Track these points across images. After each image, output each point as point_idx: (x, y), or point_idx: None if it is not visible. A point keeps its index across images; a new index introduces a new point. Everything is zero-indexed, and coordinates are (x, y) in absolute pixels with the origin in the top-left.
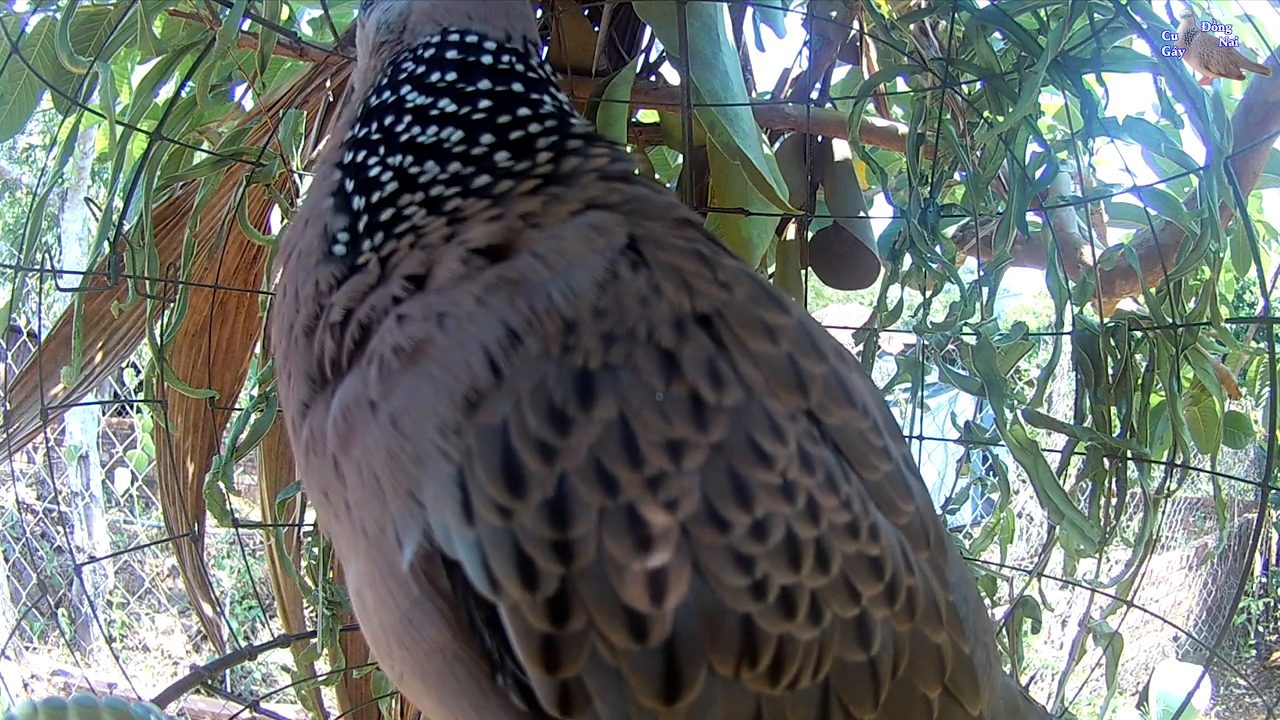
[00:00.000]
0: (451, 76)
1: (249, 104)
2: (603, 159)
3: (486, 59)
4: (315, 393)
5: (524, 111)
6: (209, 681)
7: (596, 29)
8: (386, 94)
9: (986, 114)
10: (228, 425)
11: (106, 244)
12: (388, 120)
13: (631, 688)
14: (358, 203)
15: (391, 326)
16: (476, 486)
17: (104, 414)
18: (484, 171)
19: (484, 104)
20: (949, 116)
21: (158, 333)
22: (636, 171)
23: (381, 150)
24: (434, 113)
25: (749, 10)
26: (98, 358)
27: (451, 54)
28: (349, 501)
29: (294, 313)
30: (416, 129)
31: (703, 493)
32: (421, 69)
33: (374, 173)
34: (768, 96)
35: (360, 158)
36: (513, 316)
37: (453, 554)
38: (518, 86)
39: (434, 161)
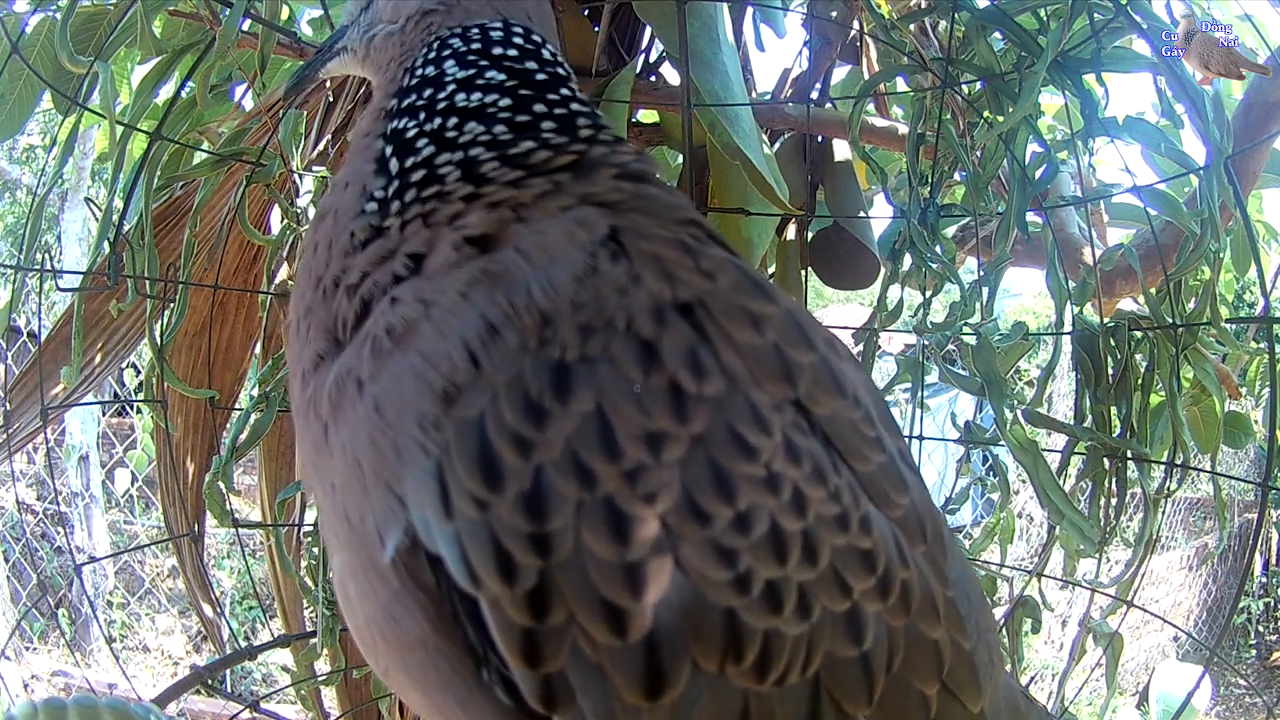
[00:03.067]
0: (512, 52)
1: (249, 104)
2: (627, 156)
3: (546, 53)
4: (328, 351)
5: (565, 91)
6: (209, 681)
7: (596, 29)
8: (430, 69)
9: (986, 114)
10: (228, 425)
11: (106, 244)
12: (430, 91)
13: (614, 684)
14: (394, 165)
15: (386, 307)
16: (454, 479)
17: (104, 414)
18: (527, 138)
19: (540, 76)
20: (949, 116)
21: (158, 333)
22: (656, 175)
23: (422, 116)
24: (480, 82)
25: (749, 10)
26: (98, 358)
27: (515, 41)
28: (334, 483)
29: (324, 266)
30: (461, 95)
31: (683, 485)
32: (477, 46)
33: (410, 135)
34: (768, 96)
35: (402, 125)
36: (491, 310)
37: (433, 548)
38: (569, 81)
39: (476, 122)
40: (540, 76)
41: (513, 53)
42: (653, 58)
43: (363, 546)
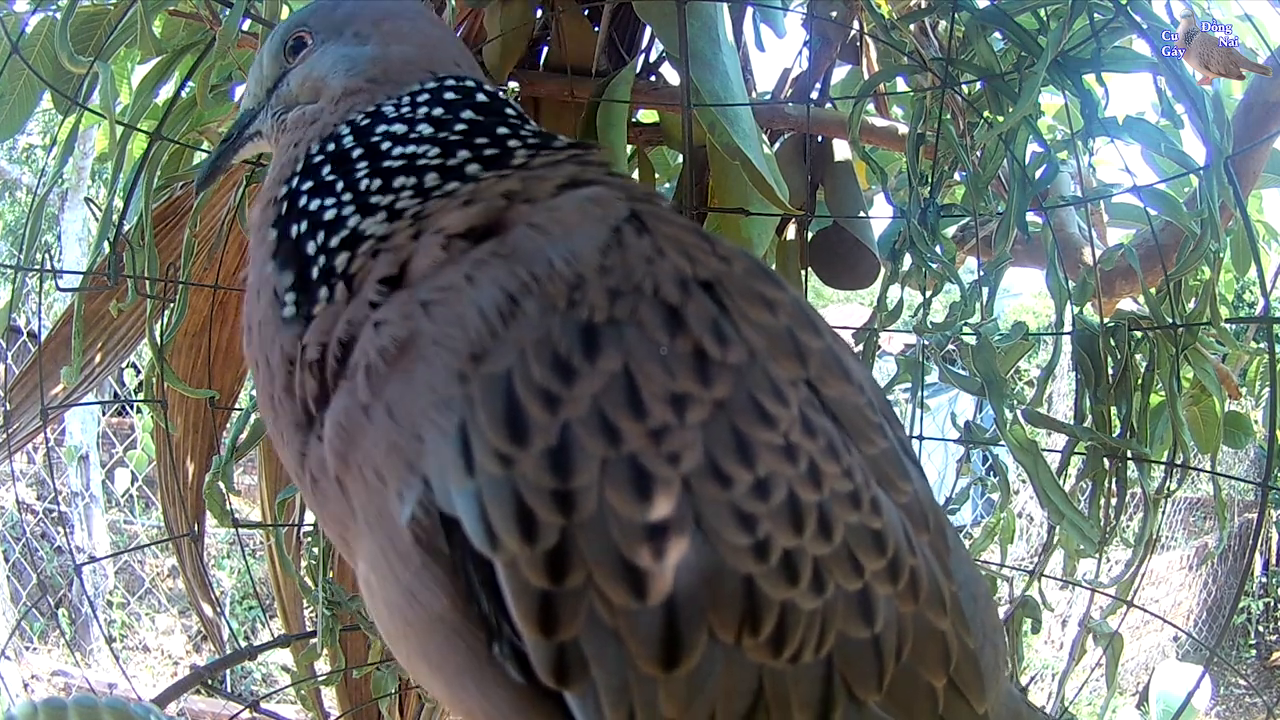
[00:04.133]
0: (439, 111)
1: None
2: (572, 151)
3: (482, 97)
4: (306, 436)
5: (503, 131)
6: (209, 681)
7: (596, 29)
8: (348, 140)
9: (986, 114)
10: (228, 425)
11: (106, 244)
12: (348, 163)
13: (630, 652)
14: (311, 247)
15: (370, 334)
16: (478, 435)
17: (104, 414)
18: (453, 179)
19: (460, 128)
20: (949, 116)
21: (158, 333)
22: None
23: (339, 188)
24: (413, 136)
25: (749, 10)
26: (98, 358)
27: (450, 95)
28: (355, 508)
29: (270, 382)
30: (388, 146)
31: (705, 447)
32: (400, 111)
33: (330, 215)
34: (768, 96)
35: (305, 205)
36: (510, 282)
37: (451, 510)
38: (510, 113)
39: (405, 176)
40: (463, 126)
41: (439, 111)
42: (653, 58)
43: (383, 533)
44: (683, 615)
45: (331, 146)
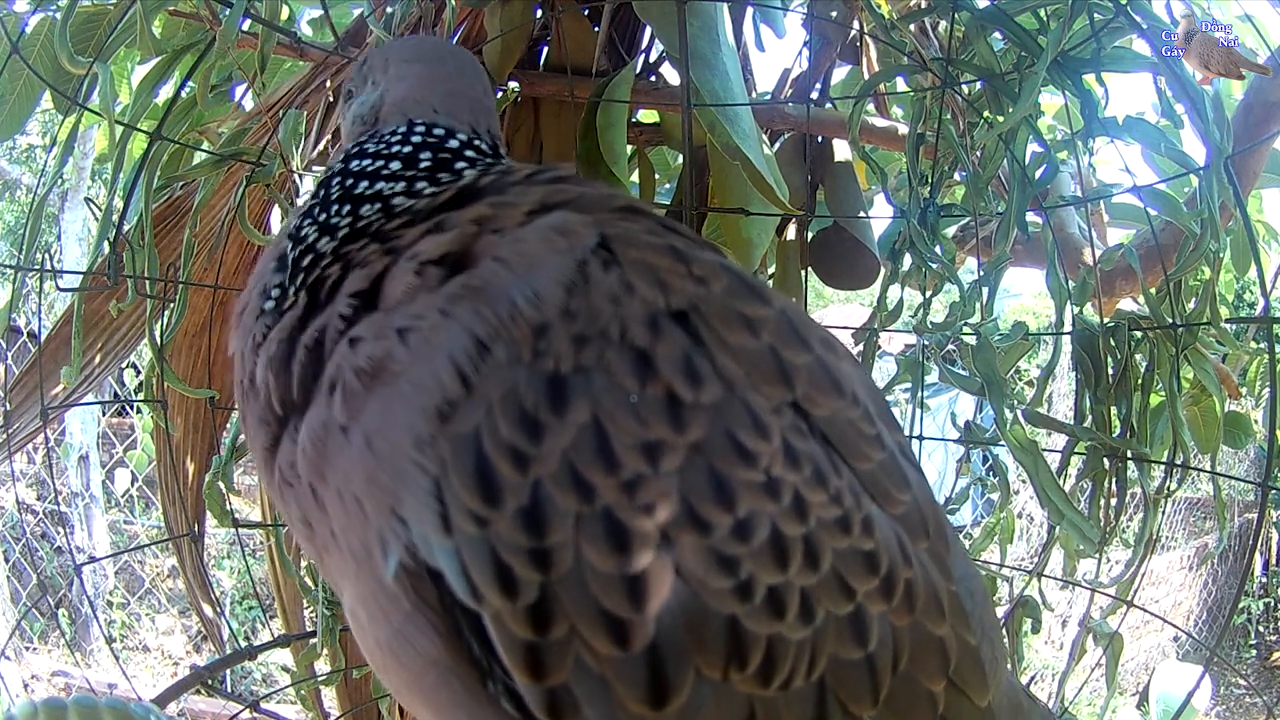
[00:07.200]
0: (407, 150)
1: (249, 104)
2: (528, 169)
3: (453, 144)
4: (274, 433)
5: (461, 165)
6: (209, 681)
7: (596, 29)
8: (338, 166)
9: (986, 114)
10: (228, 425)
11: (106, 244)
12: (329, 188)
13: (619, 694)
14: (290, 257)
15: (345, 350)
16: (452, 496)
17: (104, 414)
18: (409, 198)
19: (425, 161)
20: (949, 116)
21: (158, 333)
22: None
23: (331, 206)
24: (385, 172)
25: (749, 10)
26: (98, 358)
27: (416, 139)
28: (334, 529)
29: (241, 368)
30: (353, 182)
31: (681, 494)
32: (377, 147)
33: (305, 231)
34: (768, 96)
35: (300, 223)
36: (478, 325)
37: (434, 564)
38: (471, 155)
39: (371, 205)
40: (428, 162)
41: (407, 149)
42: (653, 58)
43: (370, 574)
44: (667, 659)
45: (332, 178)
